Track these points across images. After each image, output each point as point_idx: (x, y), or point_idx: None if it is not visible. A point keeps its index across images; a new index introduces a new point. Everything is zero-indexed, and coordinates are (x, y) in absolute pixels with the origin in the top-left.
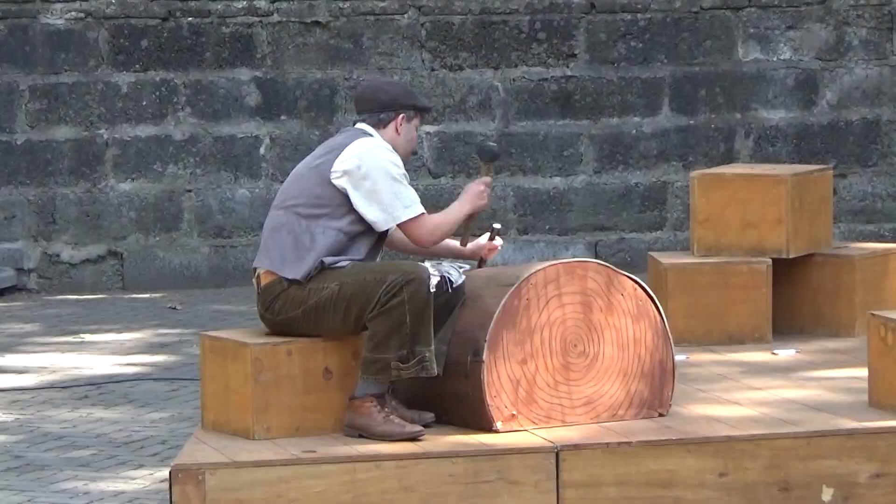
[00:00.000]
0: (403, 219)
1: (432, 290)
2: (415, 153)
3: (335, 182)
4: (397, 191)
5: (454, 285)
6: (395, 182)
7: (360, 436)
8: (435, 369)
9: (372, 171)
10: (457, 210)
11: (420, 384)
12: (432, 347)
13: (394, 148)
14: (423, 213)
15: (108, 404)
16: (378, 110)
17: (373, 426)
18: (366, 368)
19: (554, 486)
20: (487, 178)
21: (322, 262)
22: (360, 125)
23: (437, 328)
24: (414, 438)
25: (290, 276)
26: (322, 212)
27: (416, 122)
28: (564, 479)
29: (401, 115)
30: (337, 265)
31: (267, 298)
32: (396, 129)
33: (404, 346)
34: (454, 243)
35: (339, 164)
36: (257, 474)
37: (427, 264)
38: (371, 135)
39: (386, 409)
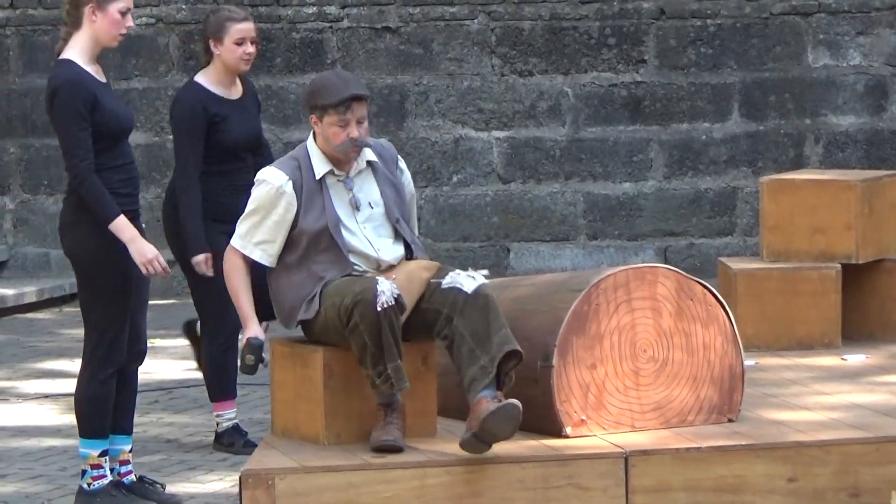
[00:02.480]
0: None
1: (383, 306)
2: (358, 145)
3: None
4: (243, 219)
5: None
6: (248, 213)
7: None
8: (404, 383)
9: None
10: (237, 302)
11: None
12: (398, 363)
13: (324, 151)
14: (234, 248)
15: (178, 409)
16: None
17: (372, 433)
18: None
19: (623, 492)
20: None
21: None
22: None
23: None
24: (385, 449)
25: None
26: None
27: (329, 118)
28: (633, 485)
29: (312, 118)
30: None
31: (310, 337)
32: (314, 133)
33: (377, 364)
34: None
35: None
36: (327, 479)
37: (450, 273)
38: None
39: (387, 419)
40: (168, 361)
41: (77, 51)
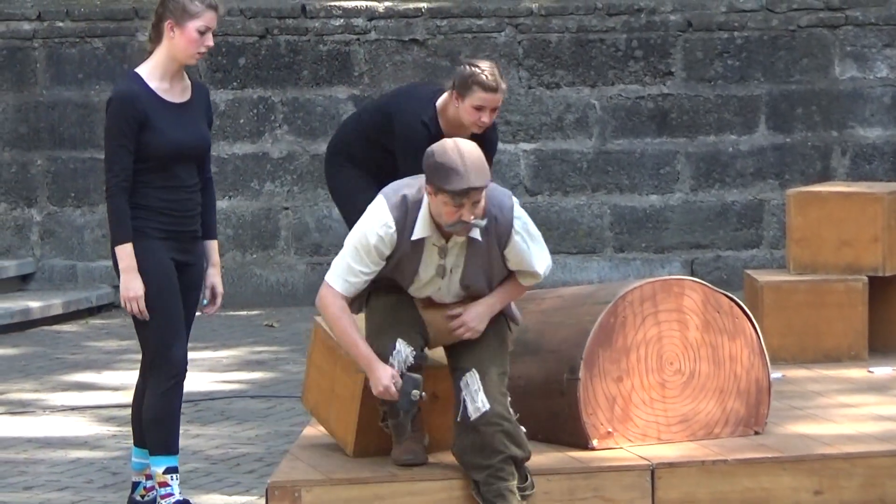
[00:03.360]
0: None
1: (404, 407)
2: (468, 227)
3: None
4: (343, 256)
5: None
6: (350, 252)
7: None
8: (403, 440)
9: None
10: (361, 356)
11: (515, 401)
12: (406, 436)
13: (435, 217)
14: (333, 287)
15: (204, 421)
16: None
17: (392, 450)
18: None
19: None
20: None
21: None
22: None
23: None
24: (408, 465)
25: None
26: None
27: (444, 198)
28: (660, 497)
29: (428, 187)
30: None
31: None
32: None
33: (384, 418)
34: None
35: None
36: (353, 491)
37: (468, 378)
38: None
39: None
40: (194, 374)
41: (150, 66)
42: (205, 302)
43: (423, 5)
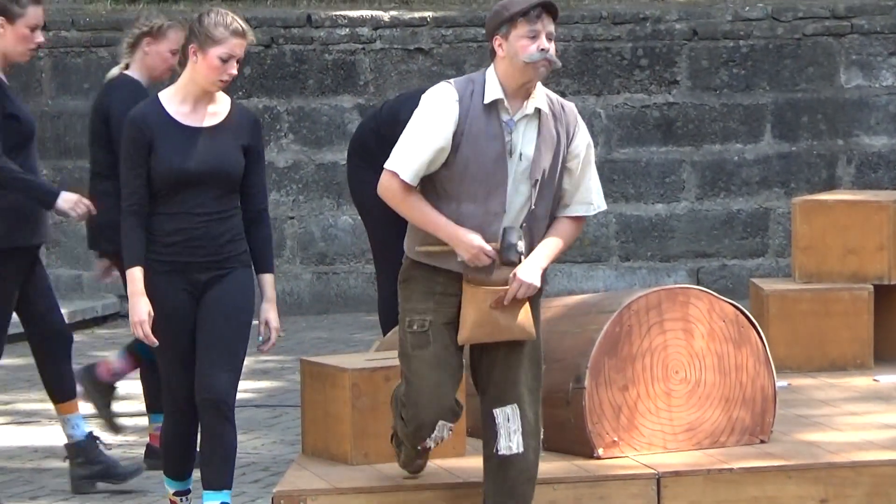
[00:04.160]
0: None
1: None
2: (549, 59)
3: None
4: (404, 139)
5: None
6: (411, 132)
7: None
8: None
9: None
10: (442, 229)
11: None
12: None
13: (503, 81)
14: (395, 172)
15: None
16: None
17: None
18: None
19: None
20: (497, 264)
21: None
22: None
23: None
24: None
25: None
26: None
27: (517, 31)
28: None
29: (496, 40)
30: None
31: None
32: (495, 64)
33: (397, 442)
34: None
35: None
36: (359, 500)
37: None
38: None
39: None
40: None
41: (172, 89)
42: (260, 339)
43: (429, 14)
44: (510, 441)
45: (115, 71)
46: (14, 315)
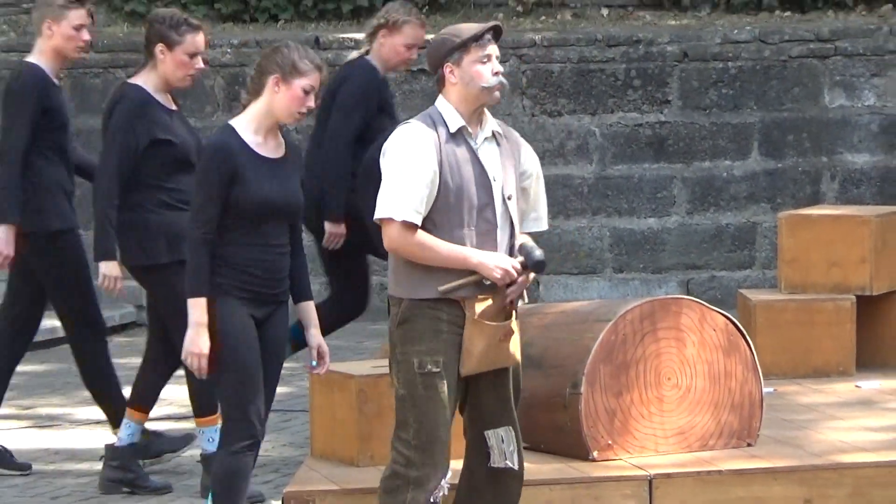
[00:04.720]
0: (377, 215)
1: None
2: (503, 84)
3: None
4: (390, 185)
5: None
6: (396, 175)
7: None
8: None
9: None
10: (469, 257)
11: (520, 414)
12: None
13: (458, 107)
14: (394, 219)
15: None
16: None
17: None
18: None
19: None
20: (523, 278)
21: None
22: None
23: None
24: None
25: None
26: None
27: (469, 57)
28: None
29: (447, 68)
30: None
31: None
32: (444, 93)
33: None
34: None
35: None
36: (366, 501)
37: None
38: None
39: None
40: None
41: (245, 119)
42: (313, 363)
43: (431, 36)
44: (506, 459)
45: (354, 54)
46: (38, 321)
